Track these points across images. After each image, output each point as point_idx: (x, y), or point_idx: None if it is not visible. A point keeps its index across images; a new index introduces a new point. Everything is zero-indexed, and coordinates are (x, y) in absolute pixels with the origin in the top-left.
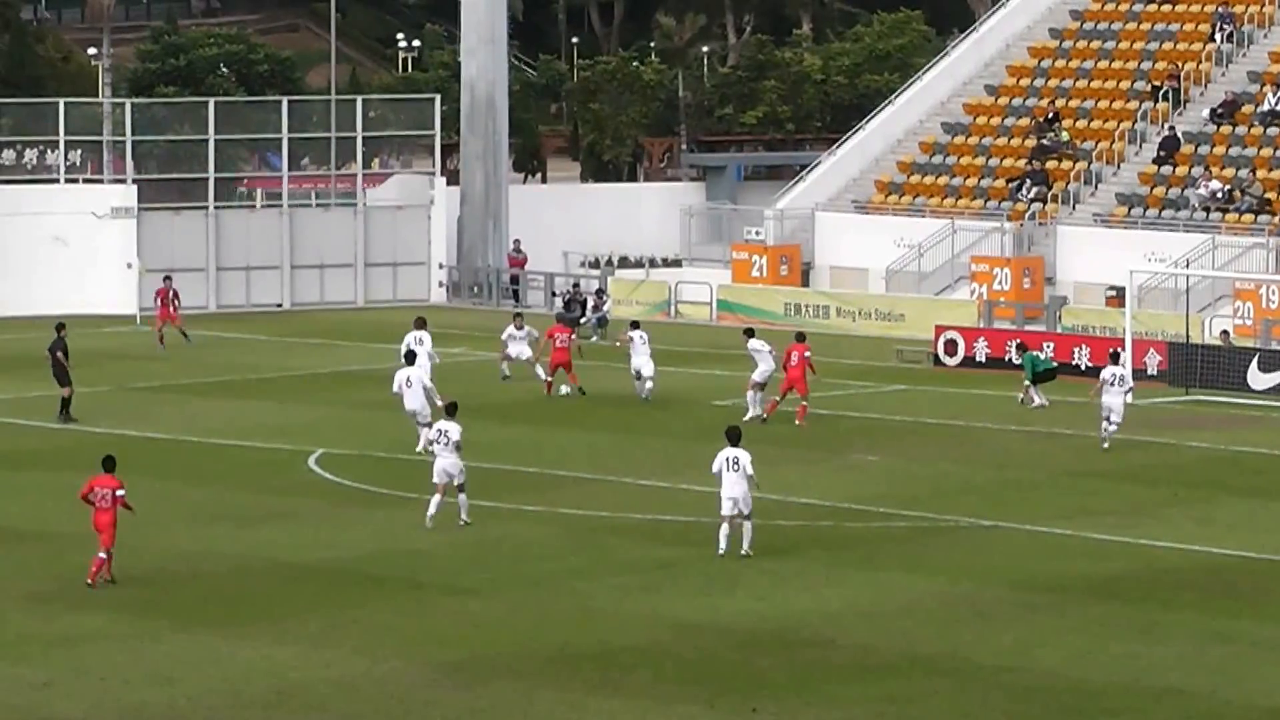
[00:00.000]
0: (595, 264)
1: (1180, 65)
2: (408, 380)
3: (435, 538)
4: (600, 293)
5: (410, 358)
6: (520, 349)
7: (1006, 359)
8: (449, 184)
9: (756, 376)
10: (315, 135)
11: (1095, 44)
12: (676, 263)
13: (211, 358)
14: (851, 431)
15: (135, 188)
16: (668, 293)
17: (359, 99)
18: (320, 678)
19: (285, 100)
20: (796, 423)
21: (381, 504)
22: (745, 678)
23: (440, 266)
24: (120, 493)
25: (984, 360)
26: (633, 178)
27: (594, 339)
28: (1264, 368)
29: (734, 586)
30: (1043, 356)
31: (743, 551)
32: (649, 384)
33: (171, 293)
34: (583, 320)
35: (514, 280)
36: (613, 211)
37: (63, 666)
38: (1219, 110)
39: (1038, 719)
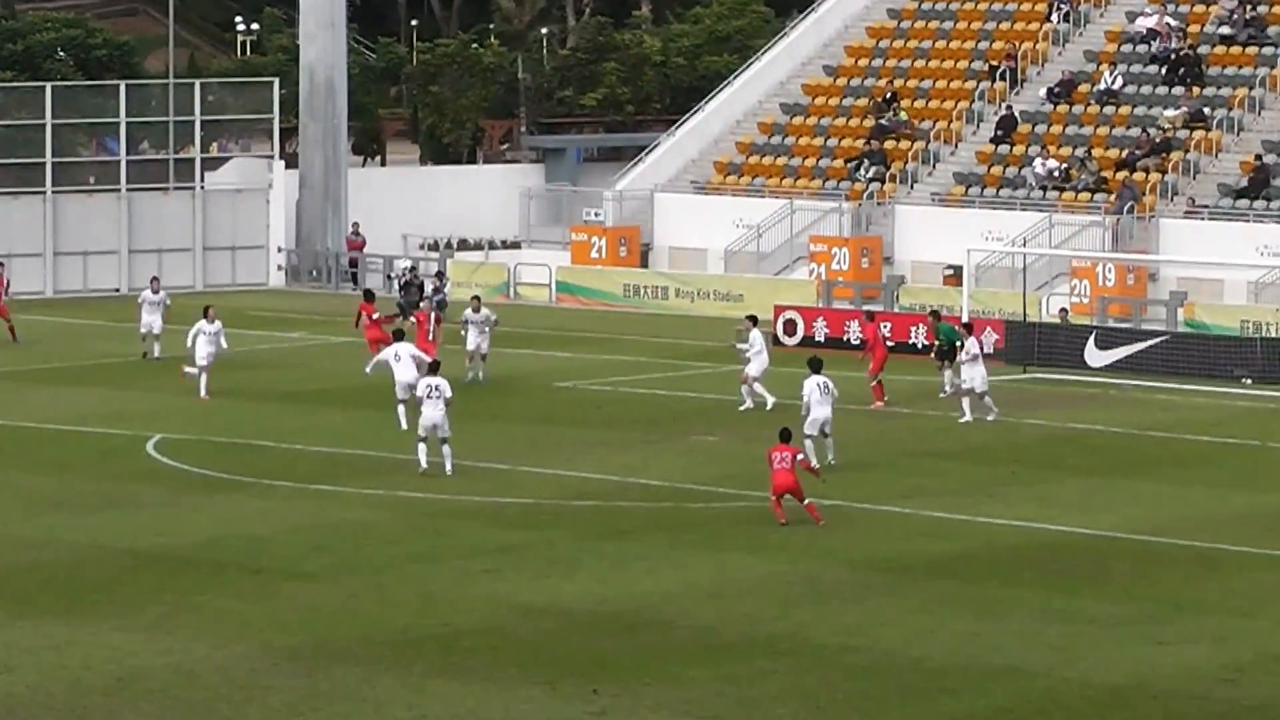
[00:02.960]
0: (434, 246)
1: (1017, 45)
2: (396, 355)
3: (275, 523)
4: (440, 275)
5: (398, 335)
6: (154, 318)
7: (845, 339)
8: (288, 168)
9: (753, 371)
10: (153, 120)
11: (933, 24)
12: (516, 245)
13: (47, 344)
14: (691, 413)
15: None
16: (507, 274)
17: (197, 83)
18: (160, 664)
19: (123, 85)
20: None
21: (221, 489)
22: (586, 660)
23: (279, 250)
24: (800, 457)
25: (823, 340)
26: (472, 160)
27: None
28: (1101, 345)
29: (575, 569)
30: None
31: (830, 460)
32: (482, 366)
33: (5, 281)
34: (421, 304)
35: (353, 264)
36: (452, 194)
37: None
38: (1056, 90)
39: (878, 698)
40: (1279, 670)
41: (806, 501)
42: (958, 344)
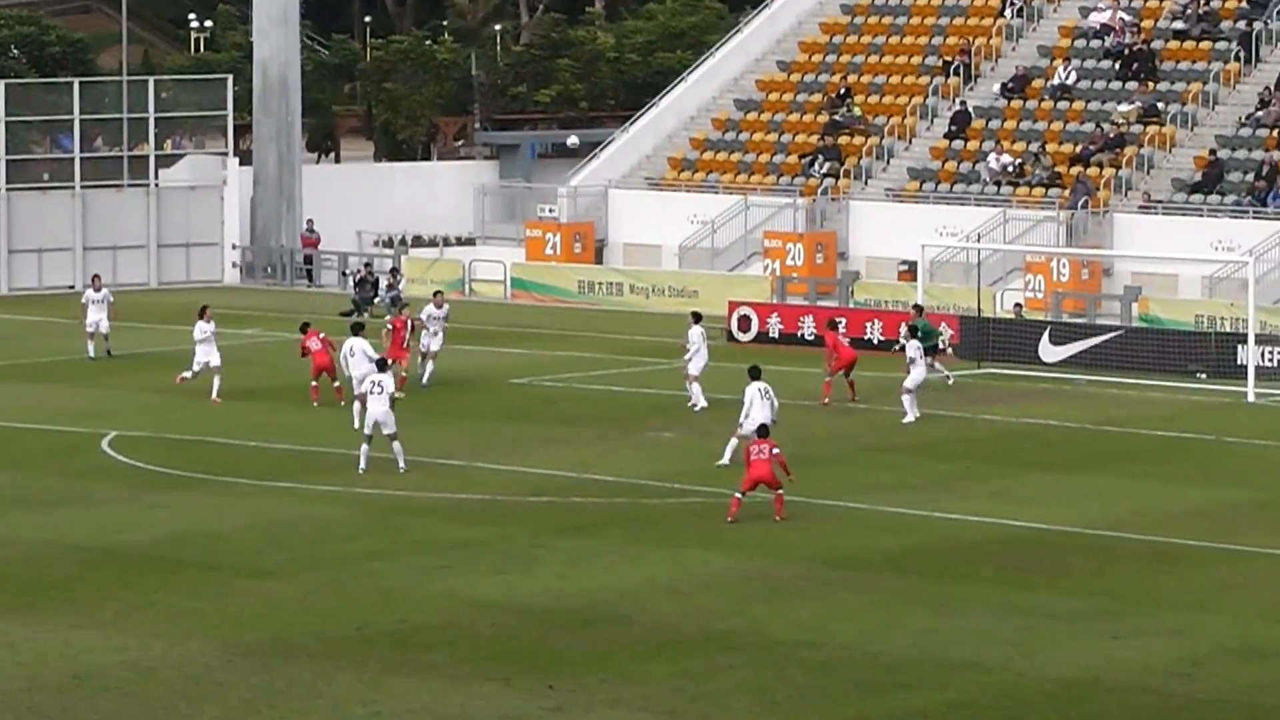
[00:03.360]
0: (389, 243)
1: (971, 40)
2: (351, 350)
3: (232, 520)
4: (394, 272)
5: (356, 329)
6: (99, 316)
7: (799, 334)
8: (242, 164)
9: (693, 369)
10: (108, 116)
11: (886, 20)
12: (470, 241)
13: (2, 341)
14: (646, 409)
15: None
16: (461, 271)
17: (151, 80)
18: (117, 661)
19: (77, 82)
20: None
21: (177, 486)
22: (543, 656)
23: (234, 247)
24: (776, 451)
25: (777, 336)
26: (426, 157)
27: (388, 318)
28: (1055, 340)
29: (532, 565)
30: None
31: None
32: (430, 365)
33: None
34: (376, 300)
35: (307, 260)
36: (407, 190)
37: None
38: (1009, 85)
39: (834, 693)
40: (1234, 664)
41: (779, 493)
42: (938, 340)
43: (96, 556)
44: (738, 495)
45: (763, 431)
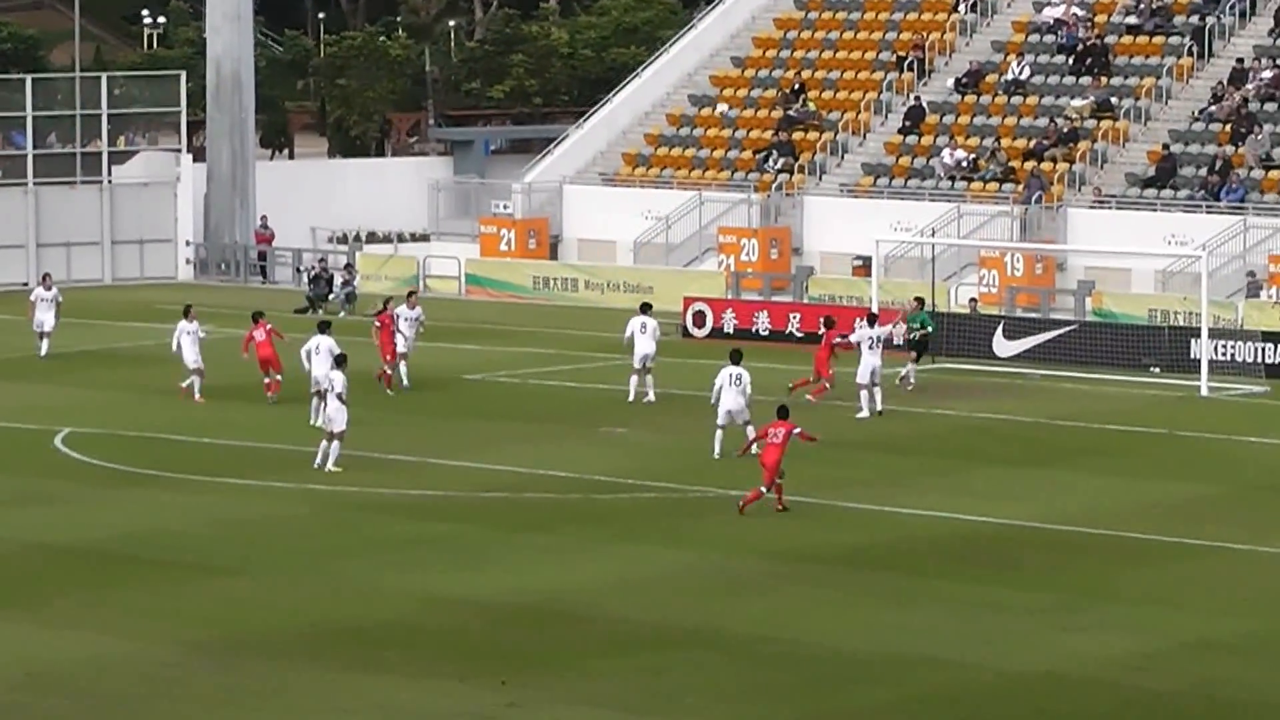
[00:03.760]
0: (343, 239)
1: (925, 35)
2: (316, 348)
3: (188, 518)
4: (349, 268)
5: (323, 326)
6: (46, 315)
7: (754, 330)
8: (195, 161)
9: (636, 363)
10: (60, 113)
11: (840, 15)
12: (425, 237)
13: None
14: (600, 405)
15: None
16: (416, 267)
17: (104, 76)
18: (72, 658)
19: (29, 79)
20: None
21: (131, 483)
22: (498, 652)
23: (187, 244)
24: (798, 430)
25: (732, 331)
26: (380, 153)
27: (341, 314)
28: (1009, 335)
29: (486, 561)
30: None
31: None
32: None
33: None
34: (330, 296)
35: (261, 257)
36: (361, 187)
37: None
38: (963, 80)
39: (791, 688)
40: (1189, 657)
41: (759, 490)
42: (929, 330)
43: (51, 554)
44: (769, 487)
45: (781, 412)
